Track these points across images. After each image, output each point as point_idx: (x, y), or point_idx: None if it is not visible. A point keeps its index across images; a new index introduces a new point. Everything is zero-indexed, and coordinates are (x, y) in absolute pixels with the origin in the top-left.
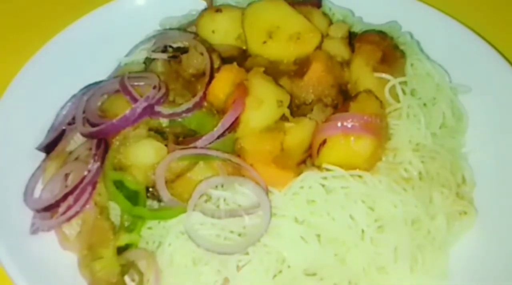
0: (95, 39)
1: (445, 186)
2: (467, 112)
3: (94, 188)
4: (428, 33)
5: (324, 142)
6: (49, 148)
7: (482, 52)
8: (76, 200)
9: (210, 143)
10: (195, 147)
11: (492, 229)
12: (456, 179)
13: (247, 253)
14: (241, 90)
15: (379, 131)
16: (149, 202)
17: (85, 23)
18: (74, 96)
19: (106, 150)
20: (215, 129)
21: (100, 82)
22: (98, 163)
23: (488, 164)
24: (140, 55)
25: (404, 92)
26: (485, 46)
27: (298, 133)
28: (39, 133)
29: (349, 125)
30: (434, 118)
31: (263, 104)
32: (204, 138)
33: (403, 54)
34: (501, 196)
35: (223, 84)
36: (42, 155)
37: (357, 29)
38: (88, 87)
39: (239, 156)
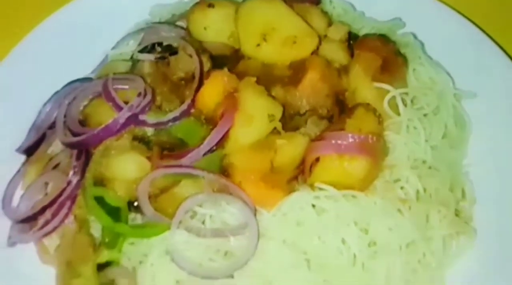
0: (81, 28)
1: (443, 204)
2: (471, 118)
3: (73, 202)
4: (433, 32)
5: (317, 159)
6: (29, 150)
7: (490, 54)
8: (54, 215)
9: (195, 160)
10: (180, 165)
11: (491, 251)
12: (456, 196)
13: (232, 277)
14: (231, 103)
15: (375, 151)
16: (132, 215)
17: (71, 10)
18: (56, 93)
19: (87, 162)
20: (201, 145)
21: (84, 79)
22: (78, 176)
23: (490, 178)
24: (128, 48)
25: (404, 103)
26: (493, 48)
27: (289, 150)
28: (20, 132)
29: (344, 145)
30: (435, 129)
31: (253, 119)
32: (189, 155)
33: (405, 61)
34: (502, 213)
35: (212, 91)
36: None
37: (357, 26)
38: (72, 84)
39: (226, 173)
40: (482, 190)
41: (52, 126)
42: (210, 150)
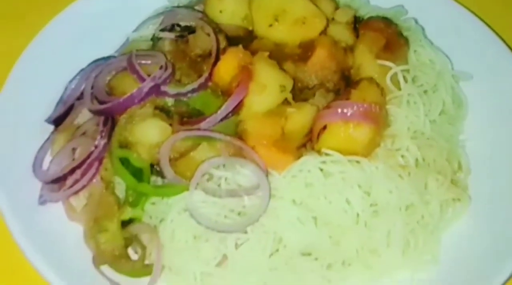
0: (104, 13)
1: (440, 173)
2: (467, 99)
3: (100, 163)
4: (433, 19)
5: (325, 127)
6: (58, 121)
7: (486, 40)
8: (83, 174)
9: (213, 125)
10: (199, 129)
11: (484, 216)
12: (452, 166)
13: (245, 232)
14: (246, 74)
15: (378, 119)
16: (153, 178)
17: None
18: (82, 70)
19: (113, 127)
20: (219, 111)
21: (109, 57)
22: (105, 140)
23: (485, 152)
24: (148, 31)
25: (405, 79)
26: (489, 34)
27: (299, 118)
28: (48, 106)
29: (349, 113)
30: (434, 105)
31: (266, 89)
32: (207, 120)
33: (406, 41)
34: (495, 183)
35: (228, 66)
36: (51, 127)
37: (363, 12)
38: (96, 62)
39: (241, 138)
40: (476, 163)
41: (80, 97)
42: (226, 117)
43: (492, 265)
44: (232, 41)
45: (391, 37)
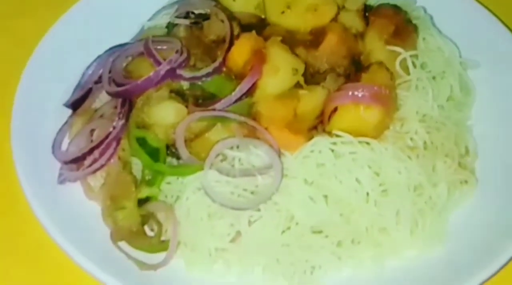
0: (119, 3)
1: (448, 156)
2: (475, 86)
3: (118, 143)
4: (442, 8)
5: (335, 109)
6: (76, 105)
7: (492, 29)
8: (101, 154)
9: (228, 106)
10: (214, 109)
11: (490, 199)
12: (460, 150)
13: (258, 210)
14: (259, 57)
15: (388, 101)
16: (169, 159)
17: None
18: (99, 56)
19: (130, 109)
20: (233, 93)
21: (125, 44)
22: (123, 121)
23: (491, 137)
24: (163, 20)
25: (414, 65)
26: (496, 23)
27: (311, 100)
28: (66, 91)
29: (360, 95)
30: (442, 91)
31: (279, 71)
32: (222, 101)
33: (415, 29)
34: (501, 168)
35: (242, 51)
36: (69, 111)
37: (372, 1)
38: (113, 49)
39: (254, 119)
40: (483, 148)
41: (97, 81)
42: (241, 99)
43: (497, 245)
44: (245, 28)
45: (401, 24)
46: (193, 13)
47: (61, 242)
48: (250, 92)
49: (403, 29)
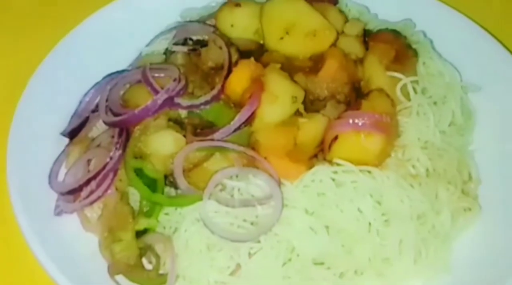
0: (117, 29)
1: (451, 183)
2: (476, 110)
3: (115, 174)
4: (442, 32)
5: (336, 138)
6: (72, 133)
7: (493, 52)
8: (98, 185)
9: (226, 136)
10: (212, 139)
11: (494, 226)
12: (462, 176)
13: (258, 241)
14: (258, 86)
15: (389, 129)
16: (167, 189)
17: (107, 13)
18: (97, 83)
19: (127, 139)
20: (232, 122)
21: (123, 71)
22: (120, 151)
23: (494, 162)
24: (161, 45)
25: (415, 90)
26: (496, 46)
27: (311, 128)
28: (63, 119)
29: (360, 123)
30: (443, 116)
31: (278, 99)
32: (221, 130)
33: (415, 53)
34: (505, 194)
35: (240, 78)
36: (66, 140)
37: (372, 26)
38: (111, 75)
39: (253, 149)
40: (486, 173)
41: (94, 110)
42: (239, 128)
43: (503, 272)
44: (244, 54)
45: (400, 49)
46: (191, 39)
47: (57, 277)
48: (249, 121)
49: (403, 54)
